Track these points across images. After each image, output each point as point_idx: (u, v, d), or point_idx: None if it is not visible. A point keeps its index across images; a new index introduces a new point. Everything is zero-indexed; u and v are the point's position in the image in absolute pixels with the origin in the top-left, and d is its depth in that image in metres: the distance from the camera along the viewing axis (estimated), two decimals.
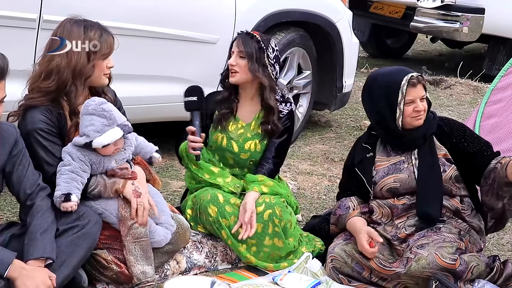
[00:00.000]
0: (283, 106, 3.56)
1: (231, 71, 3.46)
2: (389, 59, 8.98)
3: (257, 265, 3.34)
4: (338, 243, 3.27)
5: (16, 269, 2.59)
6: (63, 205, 2.83)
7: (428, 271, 2.99)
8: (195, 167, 3.44)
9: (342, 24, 5.31)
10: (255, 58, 3.42)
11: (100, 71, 3.02)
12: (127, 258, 2.98)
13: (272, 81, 3.49)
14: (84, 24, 3.00)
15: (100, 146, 2.91)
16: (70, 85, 2.94)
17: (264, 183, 3.41)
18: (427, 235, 3.15)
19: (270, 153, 3.53)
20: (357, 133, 5.74)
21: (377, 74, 3.38)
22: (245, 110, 3.56)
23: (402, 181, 3.25)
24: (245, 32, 3.51)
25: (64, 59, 2.93)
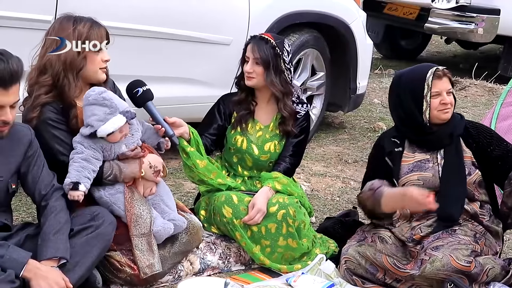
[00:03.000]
0: (299, 107, 3.56)
1: (247, 77, 3.46)
2: (403, 60, 8.94)
3: (271, 266, 3.34)
4: (352, 244, 3.26)
5: (31, 269, 2.60)
6: (70, 193, 2.85)
7: (443, 273, 2.97)
8: (187, 157, 3.31)
9: (356, 25, 5.30)
10: (271, 65, 3.40)
11: (94, 65, 3.01)
12: (134, 253, 2.99)
13: (288, 86, 3.48)
14: (74, 18, 3.02)
15: (105, 134, 2.93)
16: (63, 78, 2.95)
17: (278, 180, 3.40)
18: (442, 237, 3.14)
19: (287, 152, 3.53)
20: (371, 135, 5.74)
21: (402, 72, 3.39)
22: (262, 112, 3.57)
23: (426, 179, 3.23)
24: (259, 36, 3.49)
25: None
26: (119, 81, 3.32)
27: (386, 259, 3.13)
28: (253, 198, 3.33)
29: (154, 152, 3.17)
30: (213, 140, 3.53)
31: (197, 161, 3.30)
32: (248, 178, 3.57)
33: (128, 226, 2.99)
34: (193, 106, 3.64)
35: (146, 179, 3.09)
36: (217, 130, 3.54)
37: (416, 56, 9.46)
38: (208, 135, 3.51)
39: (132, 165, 3.04)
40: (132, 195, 3.02)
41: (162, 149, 3.23)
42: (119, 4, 3.93)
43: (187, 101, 4.34)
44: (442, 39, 9.54)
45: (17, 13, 3.51)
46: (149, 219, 3.01)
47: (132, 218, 2.99)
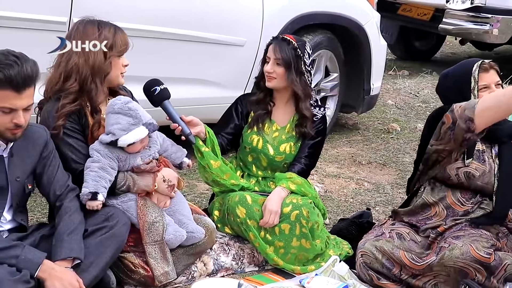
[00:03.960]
0: (317, 110, 3.56)
1: (267, 77, 3.46)
2: (417, 61, 8.92)
3: (284, 267, 3.34)
4: (369, 239, 3.26)
5: (46, 270, 2.61)
6: (89, 203, 2.87)
7: (461, 261, 2.96)
8: (203, 158, 3.31)
9: (369, 26, 5.29)
10: (292, 66, 3.41)
11: (117, 69, 3.04)
12: (148, 261, 2.99)
13: (308, 88, 3.49)
14: (97, 22, 3.03)
15: (125, 144, 2.94)
16: (90, 83, 2.97)
17: (293, 180, 3.40)
18: (464, 229, 3.13)
19: (302, 153, 3.53)
20: (385, 136, 5.72)
21: (447, 70, 3.37)
22: (280, 113, 3.57)
23: (481, 171, 3.21)
24: (281, 37, 3.50)
25: (81, 57, 2.96)
26: (133, 82, 3.33)
27: (404, 254, 3.13)
28: (266, 199, 3.33)
29: (170, 166, 3.18)
30: (229, 139, 3.53)
31: (211, 161, 3.31)
32: (262, 178, 3.57)
33: (141, 233, 3.00)
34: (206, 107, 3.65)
35: (161, 193, 3.10)
36: (234, 129, 3.55)
37: (430, 57, 9.42)
38: (225, 134, 3.52)
39: (146, 178, 3.05)
40: (144, 203, 3.02)
41: (182, 168, 3.26)
42: (134, 5, 3.94)
43: (201, 102, 4.35)
44: (456, 40, 9.49)
45: (32, 14, 3.53)
46: (162, 226, 3.02)
47: (145, 225, 2.99)
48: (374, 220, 3.87)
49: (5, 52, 2.57)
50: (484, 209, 3.22)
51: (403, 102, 6.81)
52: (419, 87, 7.36)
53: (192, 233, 3.12)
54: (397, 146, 5.53)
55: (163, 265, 3.01)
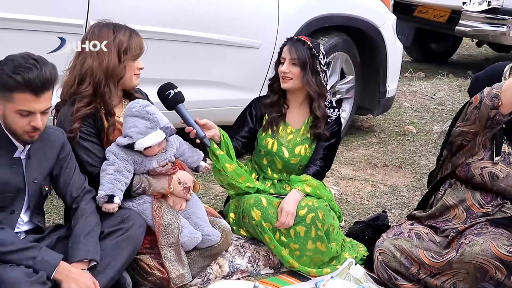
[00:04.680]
0: (331, 111, 3.55)
1: (283, 78, 3.46)
2: (433, 63, 8.88)
3: (300, 270, 3.33)
4: (387, 237, 3.25)
5: (62, 271, 2.63)
6: (105, 206, 2.88)
7: (482, 257, 2.95)
8: (220, 163, 3.32)
9: (385, 29, 5.28)
10: (308, 65, 3.41)
11: (131, 72, 3.05)
12: (164, 263, 3.00)
13: (323, 88, 3.49)
14: (113, 25, 3.04)
15: (142, 148, 2.95)
16: (104, 86, 2.98)
17: (308, 183, 3.40)
18: (484, 227, 3.12)
19: (317, 155, 3.53)
20: (401, 138, 5.70)
21: (478, 73, 3.38)
22: (294, 115, 3.57)
23: (506, 173, 3.20)
24: (295, 38, 3.50)
25: (95, 60, 2.97)
26: (148, 84, 3.34)
27: (423, 252, 3.13)
28: (282, 201, 3.32)
29: (186, 169, 3.19)
30: (244, 143, 3.54)
31: (226, 164, 3.31)
32: (277, 181, 3.57)
33: (156, 235, 3.00)
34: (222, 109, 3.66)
35: (176, 195, 3.11)
36: (248, 132, 3.55)
37: (446, 59, 9.37)
38: (239, 138, 3.52)
39: (162, 180, 3.05)
40: (160, 205, 3.03)
41: (199, 171, 3.27)
42: (149, 8, 3.95)
43: (216, 105, 4.36)
44: (473, 42, 9.44)
45: (49, 17, 3.55)
46: (177, 228, 3.02)
47: (160, 228, 2.99)
48: (390, 223, 3.85)
49: (25, 55, 2.59)
50: (505, 212, 3.20)
51: (419, 104, 6.78)
52: (435, 89, 7.33)
53: (208, 236, 3.12)
54: (413, 149, 5.50)
55: (179, 268, 3.02)
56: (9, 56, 2.59)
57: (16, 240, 2.65)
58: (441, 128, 5.76)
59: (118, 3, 3.79)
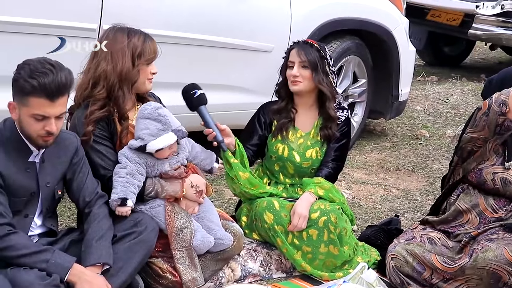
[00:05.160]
0: (340, 113, 3.56)
1: (293, 81, 3.46)
2: (446, 67, 8.85)
3: (312, 273, 3.33)
4: (400, 242, 3.25)
5: (76, 274, 2.64)
6: (118, 209, 2.88)
7: (495, 263, 2.93)
8: (232, 171, 3.33)
9: (398, 32, 5.27)
10: (319, 67, 3.42)
11: (144, 77, 3.06)
12: (176, 267, 3.00)
13: (333, 89, 3.49)
14: (127, 30, 3.05)
15: (153, 150, 2.95)
16: (117, 90, 2.99)
17: (321, 185, 3.39)
18: (498, 233, 3.11)
19: (329, 157, 3.53)
20: (413, 142, 5.69)
21: (492, 76, 3.41)
22: (303, 119, 3.56)
23: None
24: (302, 41, 3.51)
25: (110, 64, 2.98)
26: (160, 88, 3.35)
27: (435, 257, 3.12)
28: (294, 204, 3.32)
29: (198, 172, 3.19)
30: (254, 151, 3.55)
31: (240, 172, 3.32)
32: (290, 185, 3.57)
33: (169, 239, 3.01)
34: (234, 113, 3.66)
35: (189, 199, 3.11)
36: (258, 140, 3.55)
37: (459, 62, 9.34)
38: (250, 146, 3.53)
39: (174, 184, 3.06)
40: (172, 208, 3.03)
41: (213, 173, 3.29)
42: (163, 12, 3.97)
43: (229, 108, 4.36)
44: (486, 45, 9.40)
45: (62, 21, 3.57)
46: (190, 232, 3.02)
47: (173, 231, 3.00)
48: (402, 227, 3.84)
49: (42, 60, 2.60)
50: None
51: (432, 108, 6.76)
52: (448, 93, 7.30)
53: (221, 240, 3.12)
54: (426, 153, 5.48)
55: (191, 271, 3.02)
56: (27, 61, 2.61)
57: (29, 244, 2.66)
58: (454, 132, 5.74)
59: (131, 8, 3.81)
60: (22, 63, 2.61)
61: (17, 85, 2.58)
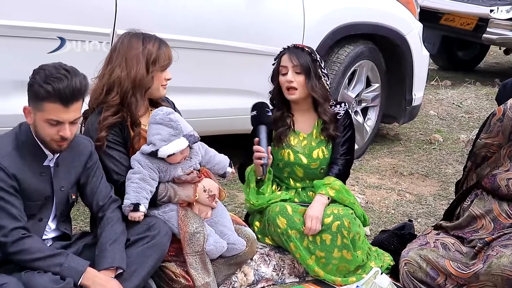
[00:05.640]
0: (338, 108, 3.55)
1: (288, 88, 3.45)
2: (460, 71, 8.81)
3: (325, 278, 3.32)
4: (413, 247, 3.23)
5: (89, 277, 2.65)
6: (131, 214, 2.89)
7: (510, 270, 2.92)
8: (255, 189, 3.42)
9: (412, 36, 5.25)
10: (312, 71, 3.42)
11: (158, 83, 3.07)
12: (189, 272, 3.00)
13: (326, 92, 3.49)
14: (142, 36, 3.05)
15: (165, 155, 2.96)
16: (130, 96, 2.99)
17: (331, 186, 3.39)
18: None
19: (337, 153, 3.53)
20: (427, 147, 5.66)
21: (506, 81, 3.41)
22: (302, 122, 3.55)
23: None
24: (293, 45, 3.50)
25: (124, 71, 2.98)
26: (175, 92, 3.36)
27: (449, 263, 3.10)
28: (307, 208, 3.32)
29: (211, 177, 3.20)
30: None
31: (253, 200, 3.39)
32: (301, 189, 3.56)
33: (182, 244, 3.01)
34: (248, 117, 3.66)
35: (202, 203, 3.11)
36: None
37: (473, 67, 9.30)
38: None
39: (187, 188, 3.06)
40: (185, 213, 3.04)
41: (225, 177, 3.31)
42: (177, 17, 3.97)
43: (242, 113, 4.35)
44: (501, 49, 9.35)
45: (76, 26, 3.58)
46: (203, 237, 3.02)
47: (186, 236, 3.00)
48: (416, 232, 3.82)
49: (57, 65, 2.62)
50: None
51: (445, 113, 6.73)
52: (462, 98, 7.27)
53: (234, 244, 3.12)
54: (439, 157, 5.46)
55: (204, 276, 3.02)
56: (42, 66, 2.62)
57: (43, 247, 2.67)
58: (468, 137, 5.72)
59: (145, 12, 3.82)
60: (38, 68, 2.62)
61: (32, 90, 2.59)
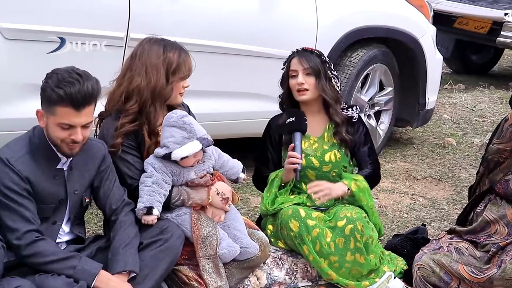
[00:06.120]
0: (351, 111, 3.53)
1: (299, 90, 3.45)
2: (474, 75, 8.77)
3: (338, 282, 3.31)
4: (426, 252, 3.22)
5: (102, 280, 2.65)
6: (144, 218, 2.89)
7: None
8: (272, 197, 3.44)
9: (425, 40, 5.24)
10: (322, 73, 3.42)
11: (177, 92, 3.07)
12: (202, 275, 2.99)
13: (337, 94, 3.49)
14: (163, 43, 3.04)
15: (178, 158, 2.96)
16: (149, 105, 2.99)
17: (357, 182, 3.40)
18: None
19: (365, 162, 3.55)
20: (440, 151, 5.64)
21: None
22: (312, 125, 3.54)
23: None
24: (302, 48, 3.50)
25: (144, 80, 2.97)
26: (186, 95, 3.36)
27: (463, 267, 3.09)
28: None
29: (224, 180, 3.20)
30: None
31: (269, 205, 3.40)
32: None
33: (194, 247, 3.01)
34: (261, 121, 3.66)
35: (215, 207, 3.11)
36: (276, 160, 3.55)
37: (487, 70, 9.26)
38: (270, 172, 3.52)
39: (200, 191, 3.06)
40: (198, 216, 3.04)
41: (238, 182, 3.31)
42: (190, 20, 3.99)
43: (256, 116, 4.37)
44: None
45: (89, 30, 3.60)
46: (216, 241, 3.02)
47: (199, 239, 3.00)
48: (429, 236, 3.80)
49: (70, 69, 2.63)
50: None
51: (459, 117, 6.70)
52: (475, 101, 7.24)
53: (247, 248, 3.12)
54: (453, 161, 5.44)
55: (217, 280, 3.02)
56: (55, 70, 2.64)
57: (57, 250, 2.69)
58: (482, 141, 5.69)
59: (159, 16, 3.83)
60: (51, 72, 2.64)
61: (44, 94, 2.61)
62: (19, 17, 3.37)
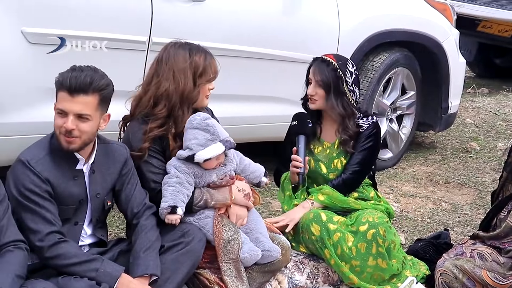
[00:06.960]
0: (363, 121, 3.50)
1: (310, 99, 3.46)
2: (497, 79, 8.70)
3: (360, 286, 3.29)
4: (449, 257, 3.19)
5: (124, 283, 2.66)
6: (168, 217, 2.90)
7: None
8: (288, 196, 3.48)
9: (448, 44, 5.21)
10: (332, 88, 3.39)
11: (203, 94, 3.09)
12: (223, 279, 2.99)
13: (350, 108, 3.44)
14: (188, 47, 3.06)
15: (201, 160, 2.97)
16: (178, 109, 3.01)
17: (322, 191, 3.40)
18: None
19: (351, 161, 3.47)
20: (463, 155, 5.60)
21: None
22: (328, 130, 3.54)
23: None
24: (321, 58, 3.47)
25: (172, 84, 2.99)
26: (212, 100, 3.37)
27: (486, 273, 3.06)
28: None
29: (242, 180, 3.20)
30: None
31: (285, 206, 3.46)
32: None
33: (216, 251, 3.01)
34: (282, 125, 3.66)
35: (239, 206, 3.11)
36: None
37: (511, 74, 9.17)
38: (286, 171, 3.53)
39: (223, 191, 3.06)
40: (220, 220, 3.04)
41: (260, 187, 3.31)
42: (211, 24, 3.99)
43: (275, 120, 4.37)
44: None
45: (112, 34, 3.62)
46: (237, 244, 3.02)
47: (221, 243, 3.00)
48: (452, 241, 3.78)
49: (86, 66, 2.67)
50: None
51: (482, 121, 6.65)
52: (499, 105, 7.18)
53: (269, 251, 3.11)
54: (476, 166, 5.39)
55: (238, 283, 3.01)
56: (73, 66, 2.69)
57: (79, 253, 2.70)
58: (506, 145, 5.64)
59: (180, 21, 3.85)
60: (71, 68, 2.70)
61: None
62: (42, 22, 3.39)
